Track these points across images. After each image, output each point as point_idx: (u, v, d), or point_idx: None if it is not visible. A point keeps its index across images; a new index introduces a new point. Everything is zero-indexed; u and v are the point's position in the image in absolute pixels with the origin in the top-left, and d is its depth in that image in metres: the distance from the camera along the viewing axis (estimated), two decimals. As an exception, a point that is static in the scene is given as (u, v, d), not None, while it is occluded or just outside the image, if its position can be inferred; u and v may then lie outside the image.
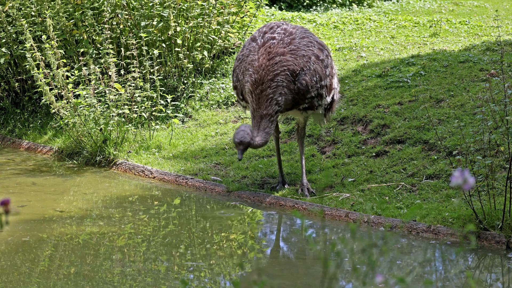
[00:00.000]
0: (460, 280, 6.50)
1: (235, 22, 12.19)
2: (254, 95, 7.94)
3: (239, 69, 8.22)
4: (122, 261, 6.95)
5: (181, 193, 9.00)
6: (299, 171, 8.99)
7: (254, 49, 8.10)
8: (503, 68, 9.21)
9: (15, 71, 12.03)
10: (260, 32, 8.24)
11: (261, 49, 8.06)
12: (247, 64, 8.07)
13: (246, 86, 8.02)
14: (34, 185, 9.38)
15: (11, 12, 11.64)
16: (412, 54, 11.63)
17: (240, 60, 8.22)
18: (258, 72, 7.95)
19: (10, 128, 11.95)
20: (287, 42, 8.07)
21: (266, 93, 7.91)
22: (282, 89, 7.92)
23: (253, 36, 8.26)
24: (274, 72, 7.93)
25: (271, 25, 8.31)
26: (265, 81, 7.92)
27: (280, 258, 7.10)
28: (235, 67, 8.33)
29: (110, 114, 10.14)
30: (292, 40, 8.09)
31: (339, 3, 17.99)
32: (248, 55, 8.12)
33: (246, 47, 8.23)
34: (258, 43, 8.12)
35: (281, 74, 7.93)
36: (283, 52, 8.00)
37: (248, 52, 8.14)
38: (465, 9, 17.66)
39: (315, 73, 8.10)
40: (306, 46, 8.11)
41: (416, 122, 9.28)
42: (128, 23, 11.55)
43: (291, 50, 8.03)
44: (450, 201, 7.75)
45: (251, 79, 7.97)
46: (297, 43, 8.08)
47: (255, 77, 7.95)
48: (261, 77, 7.93)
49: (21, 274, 6.69)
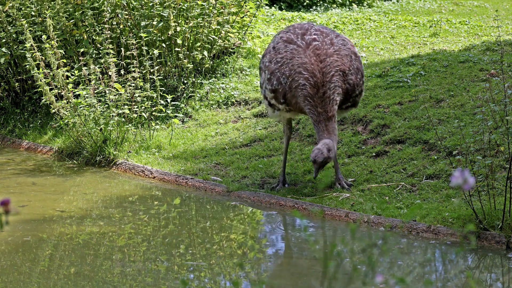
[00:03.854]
0: (460, 280, 6.50)
1: (235, 22, 12.19)
2: (317, 98, 7.88)
3: (279, 72, 8.07)
4: (122, 261, 6.95)
5: (181, 193, 9.00)
6: (299, 171, 8.99)
7: (298, 51, 8.01)
8: (503, 68, 9.21)
9: (15, 71, 12.03)
10: (294, 33, 8.15)
11: (308, 51, 7.99)
12: (297, 67, 7.96)
13: (303, 91, 7.90)
14: (34, 185, 9.38)
15: (11, 12, 11.64)
16: (412, 54, 11.63)
17: (281, 63, 8.08)
18: (315, 75, 7.89)
19: (10, 128, 11.94)
20: (328, 43, 8.04)
21: (327, 95, 7.88)
22: (338, 89, 7.92)
23: (287, 38, 8.14)
24: (330, 73, 7.91)
25: (303, 26, 8.24)
26: (325, 83, 7.88)
27: (280, 258, 7.10)
28: (273, 70, 8.14)
29: (110, 114, 10.14)
30: (331, 40, 8.08)
31: (339, 3, 17.99)
32: (292, 58, 8.01)
33: (283, 49, 8.10)
34: (301, 45, 8.03)
35: (335, 74, 7.92)
36: (331, 53, 7.98)
37: (291, 54, 8.03)
38: (465, 9, 17.66)
39: (358, 71, 8.15)
40: (343, 46, 8.12)
41: (416, 122, 9.28)
42: (128, 23, 11.55)
43: (335, 51, 8.01)
44: (450, 201, 7.75)
45: (309, 83, 7.88)
46: (337, 43, 8.09)
47: (314, 80, 7.89)
48: (320, 80, 7.88)
49: (21, 274, 6.69)
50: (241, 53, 12.15)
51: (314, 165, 7.91)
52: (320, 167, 7.90)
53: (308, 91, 7.90)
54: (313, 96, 7.89)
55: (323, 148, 7.81)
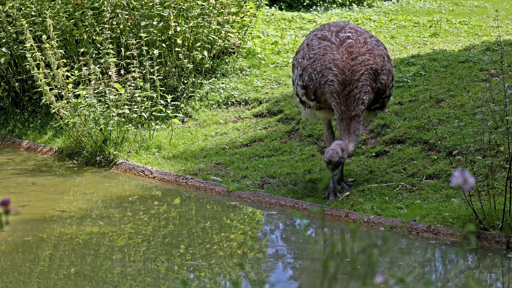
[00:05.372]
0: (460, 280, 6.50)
1: (235, 22, 12.19)
2: (342, 96, 7.83)
3: (311, 68, 8.02)
4: (122, 261, 6.95)
5: (181, 193, 9.00)
6: (299, 171, 8.99)
7: (331, 48, 7.98)
8: (503, 68, 9.21)
9: (15, 71, 12.03)
10: (329, 31, 8.11)
11: (341, 49, 7.95)
12: (328, 63, 7.91)
13: (330, 87, 7.86)
14: (34, 185, 9.38)
15: (11, 12, 11.64)
16: (412, 54, 11.63)
17: (313, 59, 8.03)
18: (344, 73, 7.84)
19: (10, 128, 11.95)
20: (362, 42, 8.00)
21: (353, 94, 7.82)
22: (367, 87, 7.86)
23: (322, 35, 8.11)
24: (360, 71, 7.85)
25: (338, 24, 8.22)
26: (352, 81, 7.83)
27: (280, 258, 7.10)
28: (305, 66, 8.09)
29: (110, 114, 10.14)
30: (365, 39, 8.04)
31: (339, 3, 17.99)
32: (324, 54, 7.97)
33: (317, 46, 8.06)
34: (335, 42, 8.00)
35: (365, 73, 7.86)
36: (364, 52, 7.94)
37: (324, 51, 7.98)
38: (465, 9, 17.66)
39: (389, 73, 8.11)
40: (377, 46, 8.09)
41: (416, 122, 9.28)
42: (128, 23, 11.55)
43: (368, 50, 7.97)
44: (450, 201, 7.75)
45: (337, 79, 7.84)
46: (370, 43, 8.05)
47: (342, 78, 7.84)
48: (348, 77, 7.83)
49: (21, 274, 6.69)
50: (241, 53, 12.15)
51: (328, 166, 7.79)
52: (334, 168, 7.81)
53: (336, 87, 7.85)
54: (339, 93, 7.84)
55: (337, 148, 7.74)
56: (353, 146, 7.90)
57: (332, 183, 8.21)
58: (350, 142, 7.87)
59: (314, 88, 8.00)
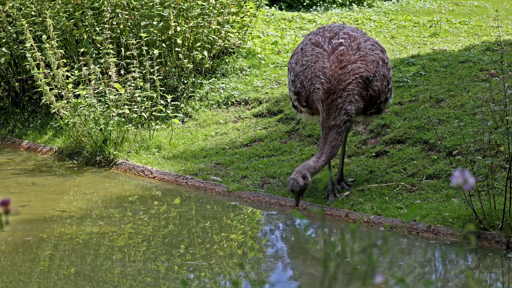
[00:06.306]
0: (460, 280, 6.50)
1: (235, 22, 12.19)
2: (325, 104, 7.81)
3: (303, 75, 8.01)
4: (122, 261, 6.95)
5: (181, 193, 9.00)
6: (299, 171, 8.98)
7: (323, 55, 7.95)
8: (503, 68, 9.21)
9: (15, 71, 12.04)
10: (323, 36, 8.07)
11: (332, 57, 7.91)
12: (317, 71, 7.89)
13: (316, 94, 7.87)
14: (34, 185, 9.38)
15: (11, 12, 11.64)
16: (412, 54, 11.63)
17: (305, 66, 8.01)
18: (330, 82, 7.81)
19: (10, 128, 11.95)
20: (355, 48, 7.95)
21: (336, 103, 7.78)
22: (353, 96, 7.80)
23: (315, 41, 8.09)
24: (347, 81, 7.81)
25: (332, 29, 8.17)
26: (337, 90, 7.79)
27: (280, 258, 7.10)
28: (297, 72, 8.10)
29: (110, 114, 10.14)
30: (359, 45, 7.98)
31: (339, 3, 17.99)
32: (315, 61, 7.94)
33: (310, 52, 8.04)
34: (327, 50, 7.97)
35: (353, 83, 7.81)
36: (355, 60, 7.88)
37: (316, 58, 7.96)
38: (465, 9, 17.66)
39: (384, 78, 8.04)
40: (371, 50, 8.02)
41: (416, 122, 9.28)
42: (128, 23, 11.55)
43: (360, 57, 7.91)
44: (450, 201, 7.75)
45: (323, 88, 7.82)
46: (364, 48, 7.98)
47: (327, 86, 7.80)
48: (333, 86, 7.79)
49: (21, 274, 6.69)
50: (241, 53, 12.16)
51: (293, 194, 7.84)
52: (299, 195, 7.84)
53: (320, 95, 7.83)
54: (323, 101, 7.83)
55: (298, 177, 7.70)
56: (325, 159, 7.81)
57: (330, 184, 8.21)
58: (322, 155, 7.80)
59: (306, 95, 8.02)
